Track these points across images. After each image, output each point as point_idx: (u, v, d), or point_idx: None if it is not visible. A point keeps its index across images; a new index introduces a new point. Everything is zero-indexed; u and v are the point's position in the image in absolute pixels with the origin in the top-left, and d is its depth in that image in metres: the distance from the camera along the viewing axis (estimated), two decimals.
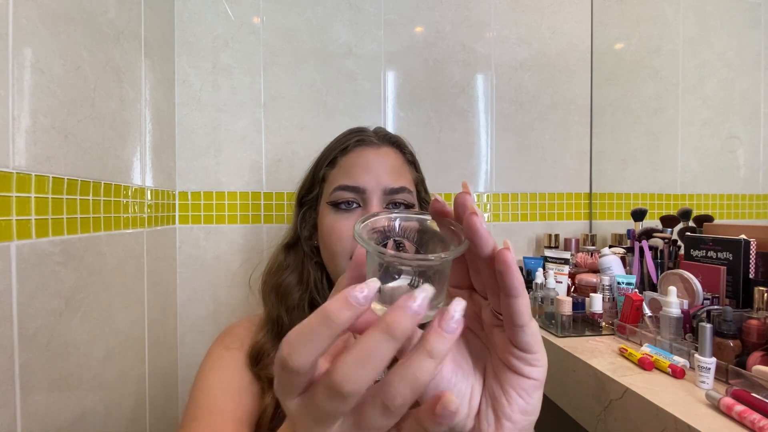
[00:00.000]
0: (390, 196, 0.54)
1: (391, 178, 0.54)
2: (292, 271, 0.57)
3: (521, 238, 1.19)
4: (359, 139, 0.58)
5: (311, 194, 0.60)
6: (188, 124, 1.02)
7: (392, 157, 0.57)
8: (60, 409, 0.57)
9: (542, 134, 1.19)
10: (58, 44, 0.58)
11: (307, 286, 0.56)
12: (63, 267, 0.58)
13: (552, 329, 0.78)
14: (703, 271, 0.75)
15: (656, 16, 1.24)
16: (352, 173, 0.55)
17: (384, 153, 0.57)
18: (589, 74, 1.21)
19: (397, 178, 0.55)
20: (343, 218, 0.53)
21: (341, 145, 0.58)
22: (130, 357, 0.77)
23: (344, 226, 0.52)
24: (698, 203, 1.13)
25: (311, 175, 0.61)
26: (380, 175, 0.54)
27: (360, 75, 1.09)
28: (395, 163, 0.57)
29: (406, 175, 0.57)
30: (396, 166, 0.56)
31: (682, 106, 1.19)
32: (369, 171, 0.54)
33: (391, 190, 0.54)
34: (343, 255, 0.52)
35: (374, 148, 0.57)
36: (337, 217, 0.54)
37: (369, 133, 0.60)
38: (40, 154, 0.54)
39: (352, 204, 0.54)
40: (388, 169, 0.55)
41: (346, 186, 0.54)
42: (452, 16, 1.14)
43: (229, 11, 1.03)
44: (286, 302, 0.54)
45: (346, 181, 0.54)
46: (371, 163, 0.55)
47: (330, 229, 0.53)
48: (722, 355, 0.57)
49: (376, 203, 0.53)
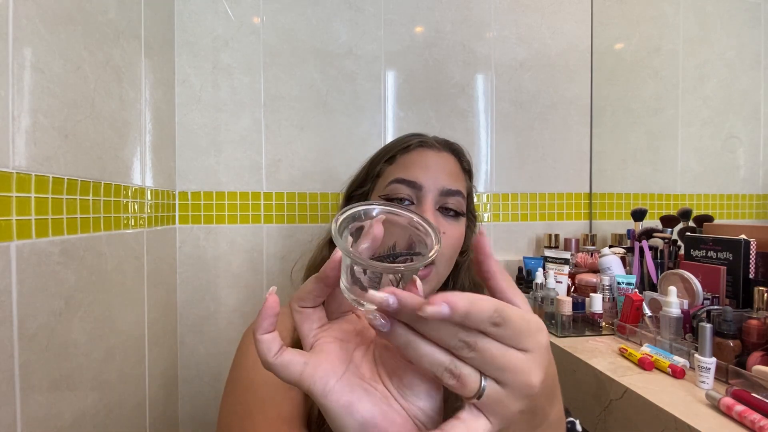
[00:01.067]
0: (444, 197, 0.54)
1: (449, 180, 0.55)
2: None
3: (521, 238, 1.19)
4: (422, 141, 0.59)
5: (363, 189, 0.60)
6: (188, 124, 1.02)
7: (452, 162, 0.58)
8: (60, 409, 0.57)
9: (542, 134, 1.19)
10: (58, 44, 0.58)
11: None
12: (63, 267, 0.58)
13: (552, 329, 0.78)
14: (703, 271, 0.75)
15: (656, 16, 1.24)
16: (411, 170, 0.55)
17: (444, 157, 0.58)
18: (589, 74, 1.21)
19: (454, 181, 0.56)
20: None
21: (403, 144, 0.59)
22: (130, 357, 0.77)
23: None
24: (698, 203, 1.13)
25: (365, 171, 0.61)
26: (438, 175, 0.55)
27: (360, 75, 1.09)
28: (454, 168, 0.58)
29: (462, 182, 0.58)
30: (454, 171, 0.57)
31: (682, 106, 1.19)
32: (428, 170, 0.55)
33: (447, 192, 0.54)
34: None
35: (435, 150, 0.58)
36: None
37: (430, 137, 0.61)
38: (40, 154, 0.54)
39: (404, 201, 0.54)
40: (447, 172, 0.56)
41: (403, 179, 0.54)
42: (452, 16, 1.14)
43: (229, 11, 1.03)
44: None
45: (404, 175, 0.55)
46: (431, 163, 0.56)
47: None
48: (722, 355, 0.57)
49: (430, 202, 0.53)
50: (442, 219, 0.54)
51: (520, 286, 1.00)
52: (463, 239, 0.56)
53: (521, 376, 0.21)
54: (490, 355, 0.20)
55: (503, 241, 1.17)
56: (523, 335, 0.21)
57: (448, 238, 0.53)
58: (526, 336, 0.21)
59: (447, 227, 0.53)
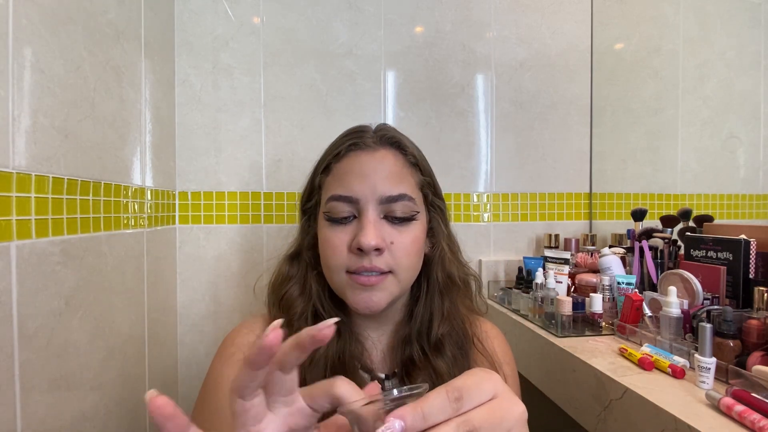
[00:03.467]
0: (387, 205, 0.50)
1: (388, 184, 0.50)
2: (295, 283, 0.57)
3: (521, 237, 1.19)
4: (352, 143, 0.54)
5: (310, 202, 0.57)
6: (188, 124, 1.02)
7: (390, 161, 0.53)
8: (60, 409, 0.57)
9: (542, 134, 1.19)
10: (58, 44, 0.58)
11: (309, 297, 0.55)
12: (63, 267, 0.58)
13: (552, 329, 0.78)
14: (703, 271, 0.75)
15: (656, 17, 1.24)
16: (345, 181, 0.51)
17: (381, 157, 0.52)
18: (589, 74, 1.21)
19: (395, 185, 0.51)
20: (338, 231, 0.50)
21: (335, 150, 0.55)
22: (130, 357, 0.77)
23: (339, 240, 0.50)
24: (698, 203, 1.13)
25: (309, 183, 0.58)
26: (376, 182, 0.50)
27: (360, 75, 1.09)
28: (394, 167, 0.52)
29: (408, 179, 0.53)
30: (394, 171, 0.52)
31: (682, 106, 1.19)
32: (364, 178, 0.50)
33: (389, 198, 0.50)
34: (337, 269, 0.50)
35: (369, 152, 0.53)
36: (333, 230, 0.51)
37: (366, 134, 0.55)
38: (40, 154, 0.54)
39: (348, 218, 0.51)
40: (385, 175, 0.51)
41: (339, 196, 0.51)
42: (452, 16, 1.14)
43: (229, 11, 1.03)
44: (289, 314, 0.54)
45: (338, 191, 0.51)
46: (366, 169, 0.51)
47: (325, 242, 0.51)
48: (722, 355, 0.57)
49: (371, 214, 0.49)
50: (389, 227, 0.50)
51: (520, 286, 1.00)
52: (421, 240, 0.53)
53: (510, 414, 0.23)
54: (481, 419, 0.22)
55: (503, 241, 1.17)
56: (483, 389, 0.23)
57: (399, 246, 0.50)
58: (486, 386, 0.23)
59: (395, 236, 0.50)
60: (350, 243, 0.49)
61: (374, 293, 0.49)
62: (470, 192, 1.16)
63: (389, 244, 0.50)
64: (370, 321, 0.56)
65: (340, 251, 0.50)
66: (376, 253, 0.49)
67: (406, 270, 0.51)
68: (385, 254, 0.49)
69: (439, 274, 0.56)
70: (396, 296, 0.52)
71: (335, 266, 0.51)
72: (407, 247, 0.51)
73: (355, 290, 0.50)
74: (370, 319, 0.56)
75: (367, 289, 0.49)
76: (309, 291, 0.55)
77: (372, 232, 0.48)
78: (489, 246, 1.17)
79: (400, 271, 0.50)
